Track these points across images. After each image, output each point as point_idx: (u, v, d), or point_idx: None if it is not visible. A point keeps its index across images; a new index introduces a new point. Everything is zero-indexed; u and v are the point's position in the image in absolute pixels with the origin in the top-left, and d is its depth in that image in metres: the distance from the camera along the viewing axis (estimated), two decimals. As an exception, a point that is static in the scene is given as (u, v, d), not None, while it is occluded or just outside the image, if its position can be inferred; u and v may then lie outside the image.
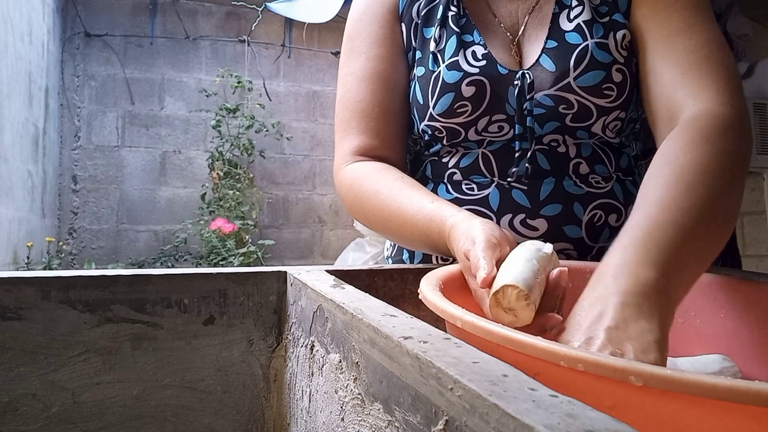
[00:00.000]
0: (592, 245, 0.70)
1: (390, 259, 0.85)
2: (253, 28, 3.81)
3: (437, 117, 0.71)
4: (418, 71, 0.74)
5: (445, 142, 0.73)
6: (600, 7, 0.70)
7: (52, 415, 0.41)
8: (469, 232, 0.49)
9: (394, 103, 0.76)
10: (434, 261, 0.75)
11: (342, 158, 0.75)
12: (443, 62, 0.71)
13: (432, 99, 0.71)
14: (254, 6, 3.74)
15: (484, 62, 0.70)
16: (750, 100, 2.84)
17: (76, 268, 3.36)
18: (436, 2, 0.75)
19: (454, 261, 0.74)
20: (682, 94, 0.60)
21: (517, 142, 0.70)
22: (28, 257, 2.77)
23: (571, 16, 0.70)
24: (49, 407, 0.41)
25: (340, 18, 2.90)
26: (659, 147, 0.57)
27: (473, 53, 0.70)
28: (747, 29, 2.64)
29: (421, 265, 0.68)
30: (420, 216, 0.61)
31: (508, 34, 0.74)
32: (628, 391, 0.24)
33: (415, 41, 0.75)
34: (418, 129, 0.75)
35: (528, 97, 0.68)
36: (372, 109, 0.75)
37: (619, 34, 0.68)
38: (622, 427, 0.15)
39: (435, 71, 0.71)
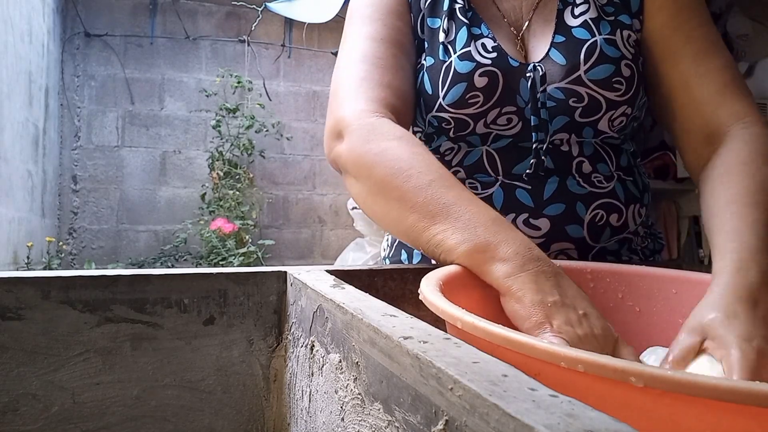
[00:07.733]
0: (593, 245, 0.70)
1: (387, 260, 0.84)
2: (253, 28, 3.81)
3: (447, 107, 0.70)
4: (427, 61, 0.73)
5: (451, 134, 0.72)
6: (606, 6, 0.71)
7: (52, 415, 0.41)
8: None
9: (413, 76, 0.72)
10: (433, 261, 0.75)
11: (365, 103, 0.63)
12: (455, 52, 0.70)
13: (443, 89, 0.70)
14: (254, 6, 3.74)
15: (495, 54, 0.69)
16: (750, 100, 2.83)
17: (76, 268, 3.36)
18: None
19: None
20: (724, 114, 0.64)
21: (534, 134, 0.69)
22: (28, 257, 2.76)
23: (576, 13, 0.71)
24: (49, 407, 0.41)
25: (340, 18, 2.89)
26: (722, 157, 0.59)
27: (483, 45, 0.70)
28: (747, 29, 2.64)
29: (421, 265, 0.68)
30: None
31: (512, 29, 0.74)
32: (629, 391, 0.24)
33: (422, 32, 0.75)
34: (423, 120, 0.74)
35: (540, 89, 0.68)
36: (395, 68, 0.68)
37: (625, 33, 0.69)
38: (622, 427, 0.15)
39: (446, 61, 0.70)
